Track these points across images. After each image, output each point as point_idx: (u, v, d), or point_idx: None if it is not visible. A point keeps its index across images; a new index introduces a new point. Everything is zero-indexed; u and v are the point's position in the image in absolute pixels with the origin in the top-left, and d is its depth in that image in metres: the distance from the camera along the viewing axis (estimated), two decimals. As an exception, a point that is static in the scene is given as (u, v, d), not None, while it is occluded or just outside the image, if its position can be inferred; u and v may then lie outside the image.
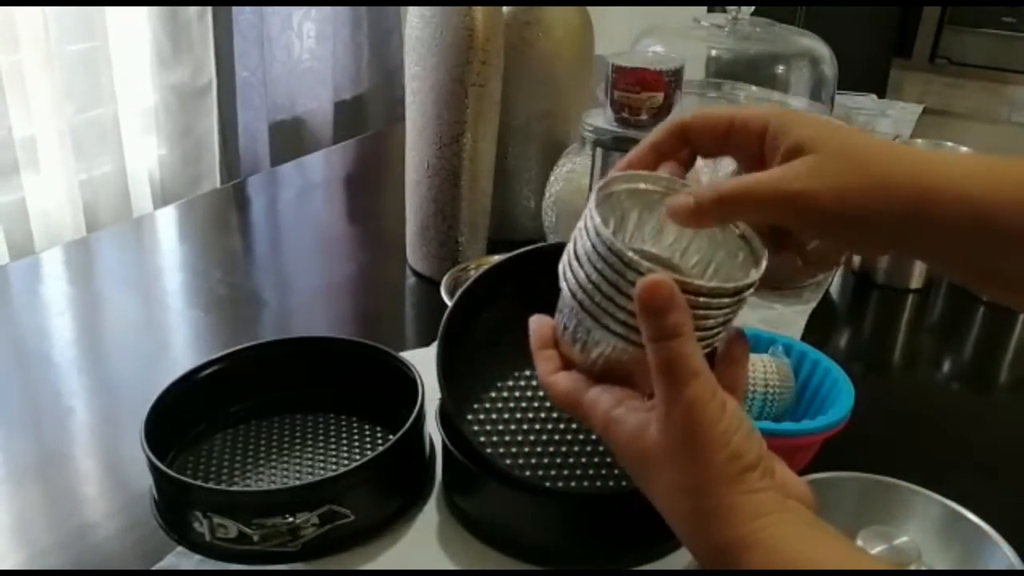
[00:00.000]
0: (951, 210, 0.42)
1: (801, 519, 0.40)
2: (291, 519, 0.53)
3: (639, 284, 0.40)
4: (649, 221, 0.48)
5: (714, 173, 0.60)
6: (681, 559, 0.55)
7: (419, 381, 0.62)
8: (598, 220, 0.43)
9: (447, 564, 0.57)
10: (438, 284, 0.84)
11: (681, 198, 0.45)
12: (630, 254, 0.41)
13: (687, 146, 0.48)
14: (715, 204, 0.44)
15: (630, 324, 0.42)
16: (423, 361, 0.63)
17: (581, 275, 0.43)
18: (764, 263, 0.44)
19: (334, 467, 0.62)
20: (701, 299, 0.42)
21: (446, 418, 0.59)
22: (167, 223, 1.19)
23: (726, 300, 0.43)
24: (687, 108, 1.03)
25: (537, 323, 0.48)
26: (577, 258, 0.44)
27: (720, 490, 0.39)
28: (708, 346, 0.44)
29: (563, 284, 0.45)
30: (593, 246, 0.43)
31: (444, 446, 0.59)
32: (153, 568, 0.58)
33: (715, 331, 0.44)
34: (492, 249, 0.96)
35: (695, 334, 0.41)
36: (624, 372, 0.45)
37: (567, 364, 0.47)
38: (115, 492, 0.68)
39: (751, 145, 0.46)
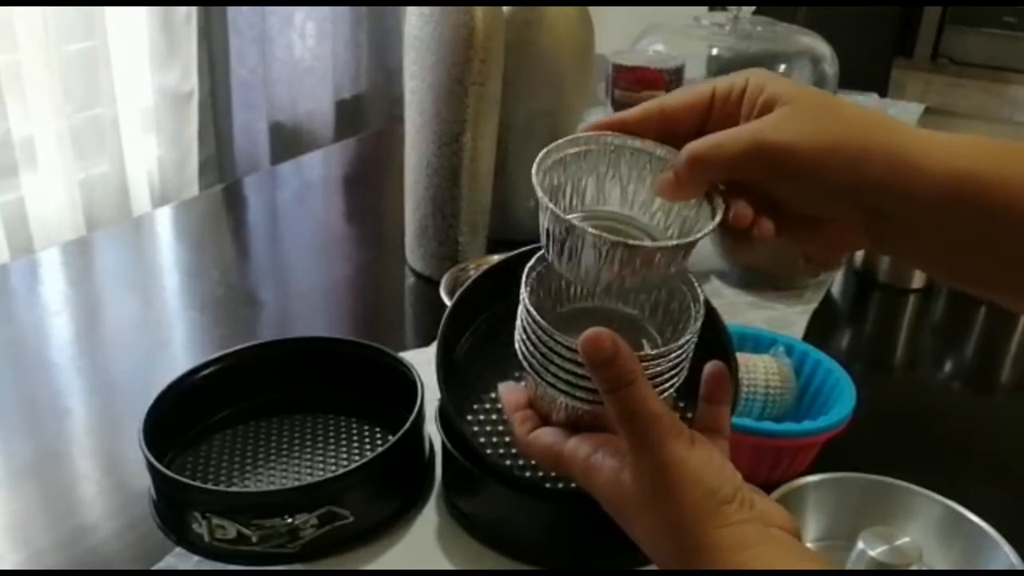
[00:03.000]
0: (925, 173, 0.41)
1: (785, 548, 0.40)
2: (290, 520, 0.53)
3: (581, 340, 0.41)
4: (590, 184, 0.47)
5: None
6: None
7: (419, 381, 0.62)
8: (524, 291, 0.45)
9: (446, 564, 0.56)
10: (437, 284, 0.84)
11: (663, 175, 0.44)
12: (554, 333, 0.43)
13: (665, 135, 0.45)
14: (690, 167, 0.42)
15: (572, 383, 0.44)
16: (423, 361, 0.62)
17: (523, 341, 0.46)
18: (699, 322, 0.46)
19: (333, 468, 0.61)
20: (645, 363, 0.43)
21: (446, 418, 0.59)
22: (165, 223, 1.19)
23: (669, 359, 0.44)
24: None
25: (506, 389, 0.50)
26: (522, 329, 0.46)
27: (700, 528, 0.39)
28: (665, 391, 0.45)
29: (516, 350, 0.47)
30: (523, 313, 0.45)
31: (444, 446, 0.59)
32: (152, 568, 0.58)
33: (668, 378, 0.45)
34: (492, 249, 0.95)
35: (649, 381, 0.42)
36: (592, 422, 0.46)
37: (544, 422, 0.47)
38: (113, 492, 0.67)
39: (736, 117, 0.44)
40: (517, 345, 0.47)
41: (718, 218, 0.43)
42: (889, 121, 0.43)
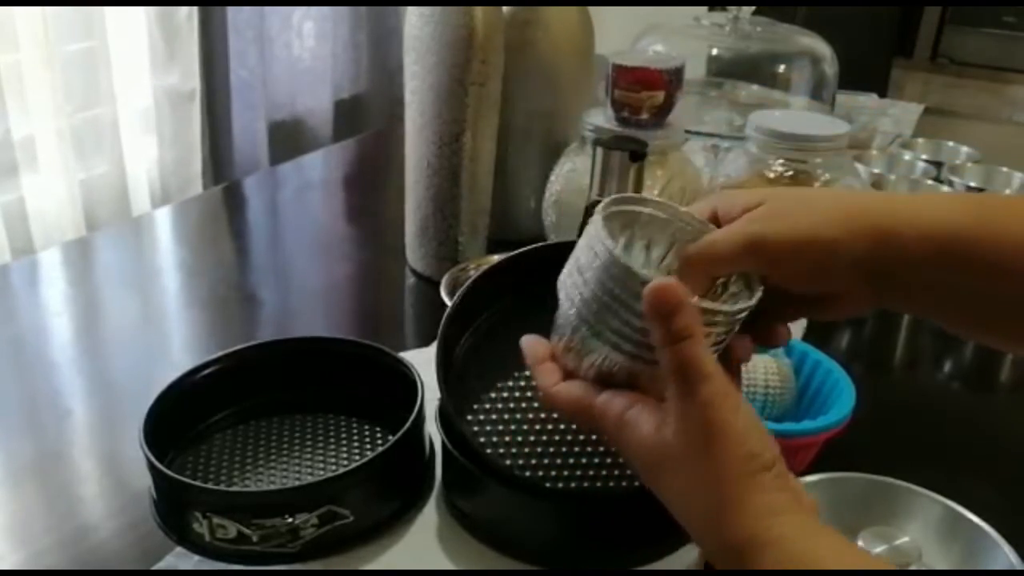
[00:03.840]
0: (912, 240, 0.44)
1: (812, 520, 0.40)
2: (291, 519, 0.53)
3: (648, 288, 0.41)
4: (654, 249, 0.50)
5: None
6: (681, 559, 0.55)
7: (419, 382, 0.62)
8: (604, 233, 0.44)
9: (446, 564, 0.56)
10: (438, 284, 0.84)
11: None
12: (637, 268, 0.42)
13: None
14: (687, 270, 0.46)
15: (624, 334, 0.43)
16: (422, 361, 0.63)
17: (582, 286, 0.45)
18: (759, 291, 0.46)
19: (333, 467, 0.61)
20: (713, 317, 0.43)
21: (446, 418, 0.59)
22: (166, 223, 1.19)
23: (721, 320, 0.44)
24: (687, 107, 1.03)
25: (529, 342, 0.49)
26: (580, 270, 0.45)
27: (736, 488, 0.40)
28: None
29: (562, 295, 0.46)
30: (597, 256, 0.44)
31: (444, 446, 0.59)
32: (152, 568, 0.58)
33: (716, 342, 0.45)
34: (492, 249, 0.95)
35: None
36: (624, 381, 0.45)
37: (567, 376, 0.47)
38: (114, 492, 0.67)
39: None
40: (568, 289, 0.46)
41: (758, 295, 0.45)
42: (865, 195, 0.48)
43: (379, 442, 0.64)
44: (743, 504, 0.39)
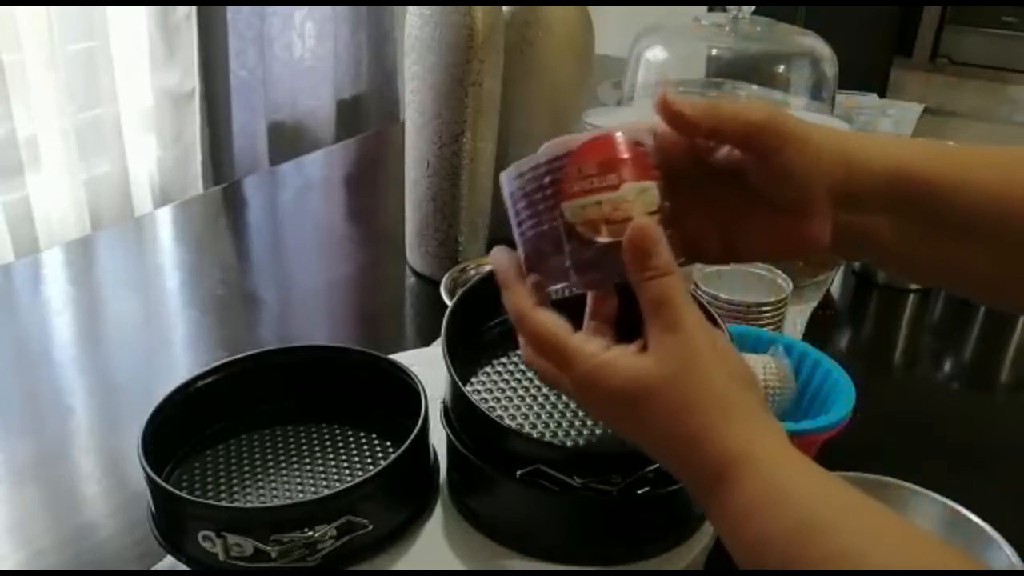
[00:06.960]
0: (874, 173, 0.46)
1: (787, 442, 0.42)
2: (309, 533, 0.51)
3: (630, 228, 0.42)
4: None
5: None
6: (682, 558, 0.55)
7: (420, 386, 0.61)
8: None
9: (459, 564, 0.56)
10: (438, 284, 0.84)
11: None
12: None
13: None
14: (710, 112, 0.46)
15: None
16: (422, 361, 0.62)
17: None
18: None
19: (336, 477, 0.60)
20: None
21: (449, 417, 0.59)
22: (168, 223, 1.19)
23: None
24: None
25: (500, 256, 0.51)
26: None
27: (720, 407, 0.41)
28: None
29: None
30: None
31: (449, 443, 0.58)
32: (152, 568, 0.58)
33: None
34: (492, 248, 0.95)
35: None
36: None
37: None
38: (114, 492, 0.67)
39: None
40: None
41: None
42: (837, 132, 0.48)
43: (377, 449, 0.63)
44: (728, 422, 0.41)
